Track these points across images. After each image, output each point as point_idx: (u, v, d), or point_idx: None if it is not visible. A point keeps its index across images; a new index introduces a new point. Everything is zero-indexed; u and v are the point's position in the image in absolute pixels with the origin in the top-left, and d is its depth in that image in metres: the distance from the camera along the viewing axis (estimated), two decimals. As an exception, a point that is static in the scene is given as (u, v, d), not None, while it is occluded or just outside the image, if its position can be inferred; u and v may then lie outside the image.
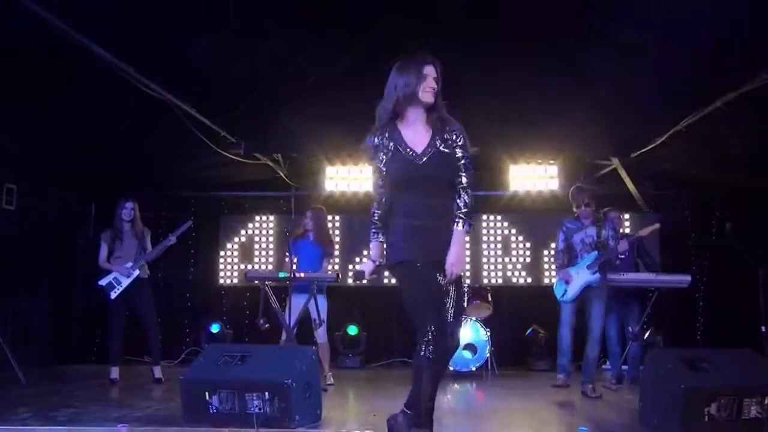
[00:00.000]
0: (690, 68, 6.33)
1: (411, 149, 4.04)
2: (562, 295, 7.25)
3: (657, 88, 6.82)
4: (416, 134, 4.08)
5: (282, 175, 10.37)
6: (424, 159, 4.01)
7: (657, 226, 7.56)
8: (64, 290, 10.02)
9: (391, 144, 4.08)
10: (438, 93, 4.06)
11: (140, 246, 7.98)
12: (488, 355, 8.98)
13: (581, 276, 7.09)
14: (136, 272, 7.86)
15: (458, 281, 4.10)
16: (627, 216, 10.23)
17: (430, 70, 4.03)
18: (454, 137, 4.03)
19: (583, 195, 7.32)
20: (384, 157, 4.09)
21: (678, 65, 6.30)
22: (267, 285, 7.46)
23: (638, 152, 8.79)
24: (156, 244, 8.05)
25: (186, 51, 6.12)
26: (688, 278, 7.26)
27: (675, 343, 9.04)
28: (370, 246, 4.17)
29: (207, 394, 4.95)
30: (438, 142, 4.02)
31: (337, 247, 10.71)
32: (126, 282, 7.83)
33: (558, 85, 6.96)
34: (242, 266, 10.79)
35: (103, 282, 7.89)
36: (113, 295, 7.83)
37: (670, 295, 8.28)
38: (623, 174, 9.66)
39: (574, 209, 7.35)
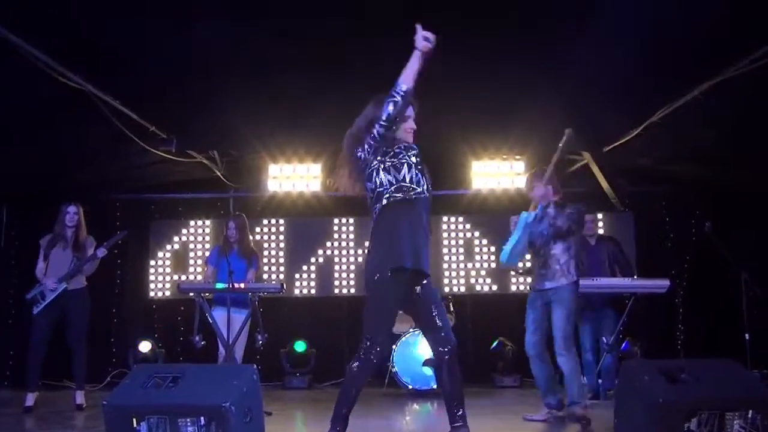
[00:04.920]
0: (665, 56, 6.44)
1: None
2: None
3: (631, 77, 6.92)
4: None
5: (219, 174, 10.31)
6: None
7: (568, 130, 6.53)
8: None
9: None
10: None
11: (75, 257, 7.87)
12: (450, 371, 9.00)
13: None
14: (63, 286, 7.75)
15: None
16: (600, 216, 10.36)
17: (410, 112, 4.77)
18: None
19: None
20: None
21: (652, 53, 6.41)
22: (203, 297, 7.41)
23: (611, 146, 8.92)
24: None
25: (108, 35, 6.04)
26: (667, 283, 7.37)
27: (653, 354, 9.16)
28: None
29: (135, 420, 4.87)
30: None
31: (281, 253, 10.70)
32: (50, 297, 7.72)
33: (523, 74, 7.03)
34: (175, 277, 10.69)
35: (29, 295, 7.85)
36: (35, 310, 7.74)
37: (648, 302, 8.41)
38: (595, 170, 9.79)
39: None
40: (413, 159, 4.69)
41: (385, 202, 4.64)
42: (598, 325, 8.19)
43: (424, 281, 4.71)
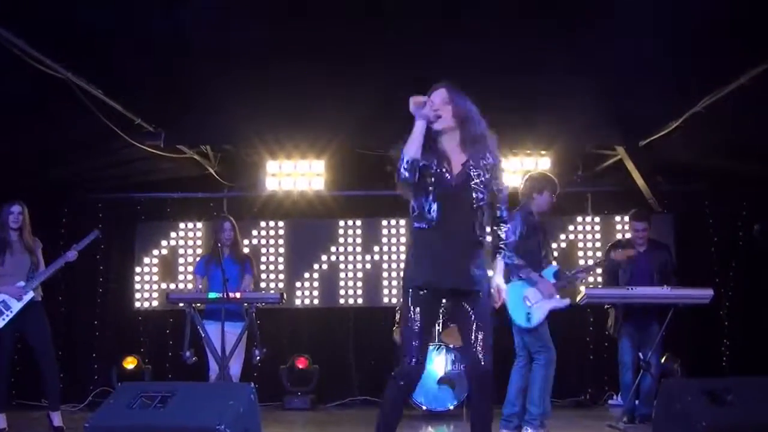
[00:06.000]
0: (708, 39, 6.40)
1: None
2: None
3: (670, 62, 6.90)
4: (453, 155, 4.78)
5: (212, 171, 10.31)
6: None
7: (632, 252, 7.71)
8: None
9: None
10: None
11: (32, 261, 7.85)
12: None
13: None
14: (30, 294, 7.74)
15: None
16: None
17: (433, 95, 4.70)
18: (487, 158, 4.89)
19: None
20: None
21: (695, 35, 6.37)
22: (194, 308, 7.41)
23: (648, 140, 8.88)
24: (51, 260, 7.92)
25: (89, 18, 6.05)
26: (710, 292, 7.34)
27: (695, 372, 9.13)
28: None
29: (119, 444, 4.90)
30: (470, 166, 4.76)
31: (281, 259, 10.68)
32: (17, 307, 7.70)
33: (551, 60, 7.02)
34: (163, 285, 10.68)
35: None
36: (1, 323, 7.72)
37: (689, 314, 8.36)
38: (630, 166, 9.74)
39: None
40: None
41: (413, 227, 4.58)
42: (640, 341, 8.10)
43: (472, 296, 4.53)
